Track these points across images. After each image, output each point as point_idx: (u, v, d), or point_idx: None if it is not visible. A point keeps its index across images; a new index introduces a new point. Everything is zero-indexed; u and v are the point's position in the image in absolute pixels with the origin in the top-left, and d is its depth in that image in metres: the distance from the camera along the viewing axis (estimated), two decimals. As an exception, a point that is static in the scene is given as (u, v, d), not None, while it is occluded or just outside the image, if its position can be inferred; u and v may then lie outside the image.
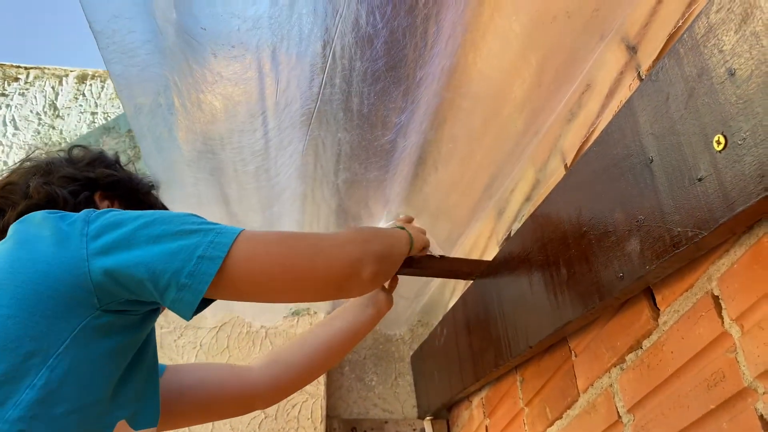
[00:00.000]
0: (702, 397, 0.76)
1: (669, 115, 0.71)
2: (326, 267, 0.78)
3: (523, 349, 1.14)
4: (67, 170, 0.83)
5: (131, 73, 0.82)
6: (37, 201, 0.78)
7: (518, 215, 1.35)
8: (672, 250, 0.71)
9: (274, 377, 1.01)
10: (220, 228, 0.71)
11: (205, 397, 0.94)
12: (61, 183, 0.81)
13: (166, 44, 0.80)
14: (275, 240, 0.76)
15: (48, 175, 0.82)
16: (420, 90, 0.89)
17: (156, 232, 0.68)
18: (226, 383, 0.97)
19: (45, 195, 0.79)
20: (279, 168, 1.05)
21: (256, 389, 0.99)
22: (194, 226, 0.70)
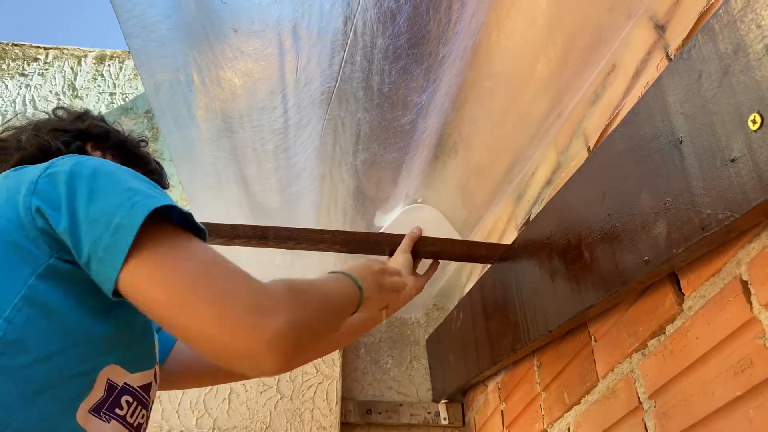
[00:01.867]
0: (728, 383, 0.75)
1: (701, 94, 0.69)
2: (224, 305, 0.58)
3: (542, 334, 1.12)
4: (56, 124, 0.83)
5: (151, 48, 0.81)
6: (31, 152, 0.78)
7: (538, 199, 1.33)
8: (701, 233, 0.69)
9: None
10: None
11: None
12: (52, 136, 0.81)
13: (186, 19, 0.79)
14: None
15: (38, 130, 0.81)
16: (442, 68, 0.88)
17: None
18: None
19: (38, 146, 0.78)
20: (298, 148, 1.04)
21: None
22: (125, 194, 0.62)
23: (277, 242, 1.23)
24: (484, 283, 1.45)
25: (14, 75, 2.30)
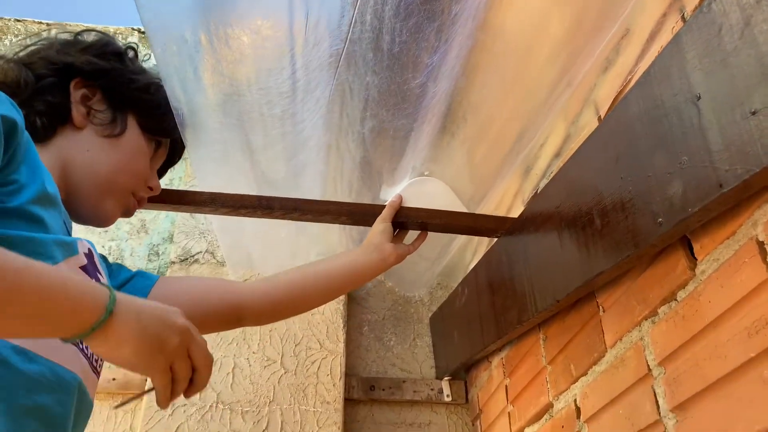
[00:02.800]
0: (741, 345, 0.74)
1: (721, 48, 0.68)
2: None
3: (549, 304, 1.12)
4: (49, 53, 0.81)
5: (160, 6, 0.80)
6: (4, 80, 0.78)
7: (546, 172, 1.32)
8: (718, 190, 0.68)
9: (265, 291, 1.01)
10: None
11: (189, 302, 0.92)
12: (36, 66, 0.80)
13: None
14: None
15: (33, 54, 0.80)
16: (454, 27, 0.86)
17: None
18: (212, 290, 0.97)
19: (12, 76, 0.78)
20: (305, 113, 1.03)
21: (245, 298, 0.99)
22: None
23: (282, 213, 1.22)
24: (490, 257, 1.44)
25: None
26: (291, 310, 1.08)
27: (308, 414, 1.60)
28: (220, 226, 1.48)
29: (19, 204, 0.62)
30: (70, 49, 0.84)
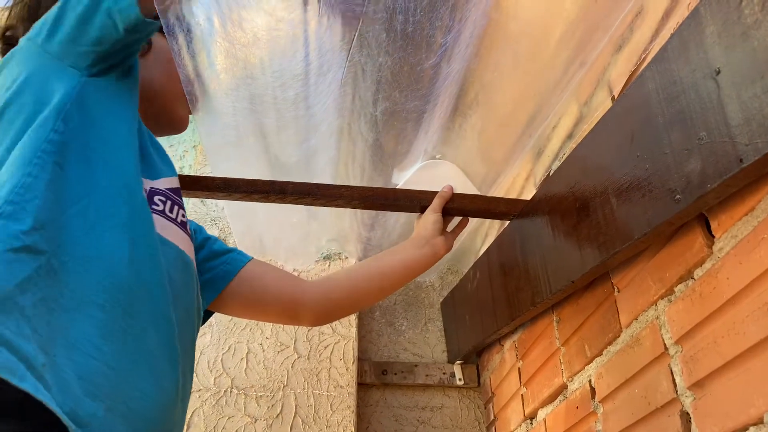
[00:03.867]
0: (760, 321, 0.74)
1: (742, 21, 0.67)
2: None
3: (564, 285, 1.12)
4: (49, 5, 0.83)
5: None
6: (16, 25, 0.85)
7: (559, 154, 1.31)
8: (738, 165, 0.68)
9: (324, 292, 1.04)
10: None
11: (261, 289, 0.99)
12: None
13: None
14: None
15: (35, 13, 0.83)
16: (468, 6, 0.86)
17: None
18: (281, 282, 1.02)
19: (20, 18, 0.84)
20: (318, 96, 1.03)
21: (305, 297, 1.02)
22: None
23: (295, 197, 1.23)
24: (502, 240, 1.44)
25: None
26: (349, 310, 1.12)
27: (322, 398, 1.62)
28: (232, 212, 1.49)
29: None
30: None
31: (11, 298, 0.57)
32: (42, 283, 0.60)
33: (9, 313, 0.56)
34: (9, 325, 0.56)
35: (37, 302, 0.59)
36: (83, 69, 0.74)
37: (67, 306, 0.61)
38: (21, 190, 0.63)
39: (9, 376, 0.53)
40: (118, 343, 0.64)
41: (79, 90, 0.73)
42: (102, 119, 0.73)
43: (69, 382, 0.57)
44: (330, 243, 1.81)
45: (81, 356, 0.60)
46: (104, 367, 0.61)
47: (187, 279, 0.79)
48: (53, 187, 0.65)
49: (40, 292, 0.60)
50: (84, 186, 0.68)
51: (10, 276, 0.58)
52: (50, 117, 0.69)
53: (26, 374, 0.54)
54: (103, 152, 0.72)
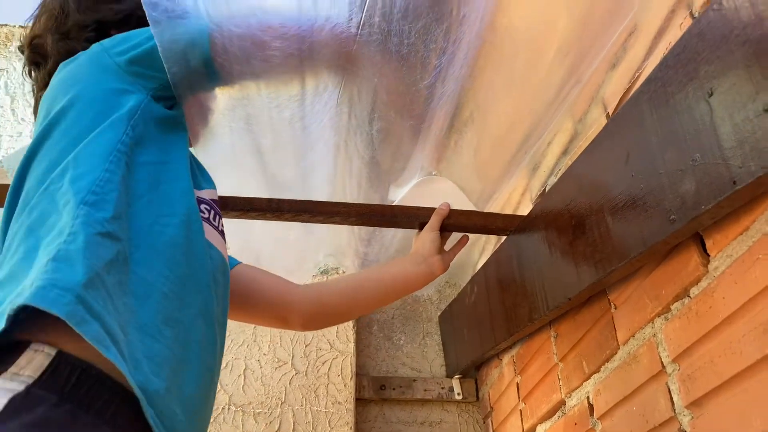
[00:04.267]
0: (757, 341, 0.74)
1: (733, 45, 0.68)
2: None
3: (561, 302, 1.12)
4: (76, 18, 0.92)
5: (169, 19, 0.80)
6: (59, 58, 0.90)
7: (554, 170, 1.32)
8: (732, 187, 0.68)
9: (316, 296, 1.05)
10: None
11: (250, 289, 1.01)
12: (74, 34, 0.92)
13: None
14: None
15: (63, 25, 0.92)
16: (462, 29, 0.86)
17: None
18: (272, 283, 1.04)
19: (65, 51, 0.90)
20: (314, 116, 1.03)
21: (296, 300, 1.04)
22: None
23: (292, 215, 1.23)
24: (499, 255, 1.44)
25: (22, 57, 2.29)
26: (340, 317, 1.12)
27: (320, 414, 1.61)
28: (229, 229, 1.48)
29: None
30: (85, 2, 0.94)
31: (100, 277, 0.62)
32: (119, 268, 0.66)
33: (98, 289, 0.62)
34: (99, 300, 0.61)
35: (116, 284, 0.64)
36: (149, 90, 0.83)
37: (137, 291, 0.67)
38: (102, 183, 0.70)
39: (99, 346, 0.58)
40: (175, 330, 0.69)
41: (145, 105, 0.81)
42: (161, 134, 0.81)
43: (139, 360, 0.63)
44: (327, 258, 1.81)
45: (148, 338, 0.65)
46: (166, 350, 0.66)
47: (226, 283, 0.84)
48: (124, 182, 0.72)
49: (118, 275, 0.65)
50: (145, 185, 0.75)
51: (98, 257, 0.64)
52: (122, 121, 0.77)
53: (111, 346, 0.59)
54: (162, 160, 0.79)
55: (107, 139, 0.74)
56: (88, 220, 0.65)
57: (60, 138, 0.76)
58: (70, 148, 0.73)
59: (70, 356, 0.59)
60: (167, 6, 0.78)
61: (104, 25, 0.93)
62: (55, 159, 0.73)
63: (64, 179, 0.70)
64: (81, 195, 0.67)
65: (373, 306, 1.14)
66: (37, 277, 0.59)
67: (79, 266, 0.61)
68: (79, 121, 0.76)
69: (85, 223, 0.65)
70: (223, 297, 0.83)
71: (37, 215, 0.69)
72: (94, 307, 0.59)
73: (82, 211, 0.66)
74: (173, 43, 0.81)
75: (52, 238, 0.65)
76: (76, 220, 0.65)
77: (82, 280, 0.60)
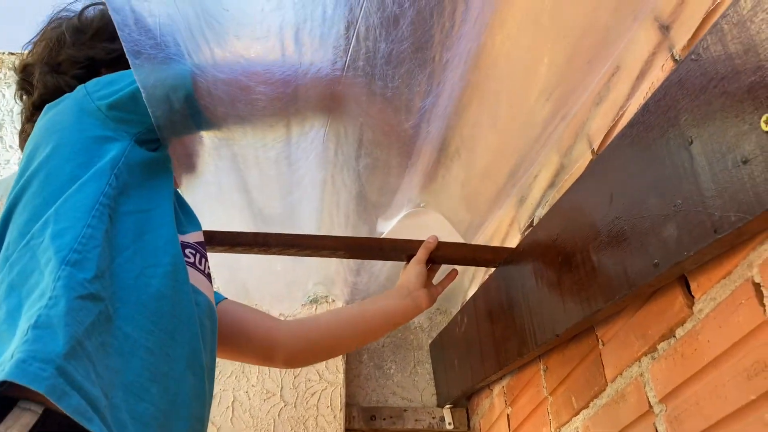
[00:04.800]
0: (741, 387, 0.74)
1: (711, 96, 0.68)
2: None
3: (549, 338, 1.11)
4: (69, 52, 0.92)
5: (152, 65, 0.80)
6: (45, 92, 0.91)
7: (541, 202, 1.32)
8: (713, 236, 0.68)
9: (301, 332, 1.04)
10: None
11: (234, 326, 1.00)
12: (65, 67, 0.92)
13: (186, 26, 0.78)
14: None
15: (56, 57, 0.92)
16: (446, 73, 0.87)
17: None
18: (254, 321, 1.02)
19: (52, 87, 0.91)
20: (299, 153, 1.03)
21: (281, 337, 1.02)
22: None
23: (279, 249, 1.22)
24: (488, 286, 1.44)
25: (11, 84, 2.28)
26: (325, 354, 1.11)
27: (309, 447, 1.59)
28: (216, 261, 1.47)
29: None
30: (82, 38, 0.94)
31: (81, 344, 0.61)
32: (101, 328, 0.65)
33: (79, 358, 0.60)
34: (80, 370, 0.60)
35: (98, 347, 0.63)
36: (133, 135, 0.82)
37: (122, 349, 0.66)
38: (84, 240, 0.68)
39: (81, 419, 0.57)
40: (162, 386, 0.68)
41: (128, 152, 0.80)
42: (146, 180, 0.80)
43: (125, 422, 0.62)
44: (317, 286, 1.80)
45: (133, 398, 0.64)
46: (153, 408, 0.65)
47: (213, 327, 0.83)
48: (107, 236, 0.71)
49: (100, 337, 0.64)
50: (129, 237, 0.74)
51: (79, 322, 0.62)
52: (105, 171, 0.76)
53: (94, 417, 0.58)
54: (146, 208, 0.78)
55: (90, 191, 0.73)
56: (69, 283, 0.64)
57: (41, 189, 0.75)
58: (51, 201, 0.72)
59: (57, 414, 0.58)
60: (150, 53, 0.78)
61: (96, 62, 0.94)
62: (36, 211, 0.73)
63: (45, 234, 0.69)
64: (62, 253, 0.66)
65: (361, 342, 1.13)
66: (17, 348, 0.59)
67: (60, 335, 0.60)
68: (60, 172, 0.76)
69: (66, 285, 0.64)
70: (211, 342, 0.82)
71: (18, 272, 0.68)
72: (75, 378, 0.59)
73: (64, 272, 0.65)
74: (156, 88, 0.81)
75: (33, 300, 0.64)
76: (57, 282, 0.64)
77: (63, 351, 0.59)
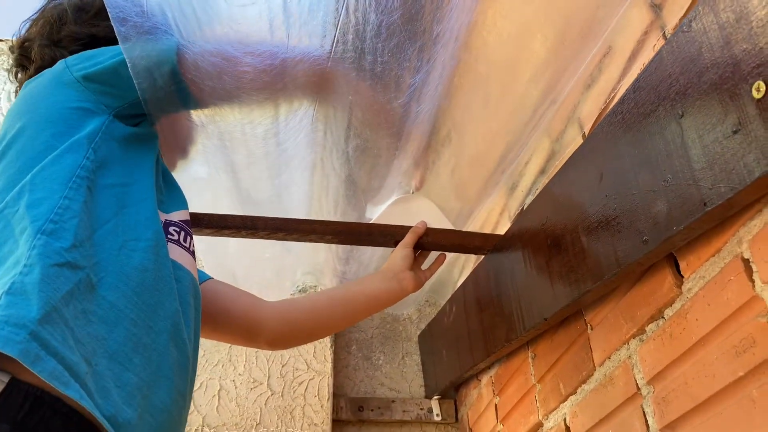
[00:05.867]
0: (730, 364, 0.73)
1: (701, 65, 0.68)
2: None
3: (537, 322, 1.11)
4: (71, 28, 0.91)
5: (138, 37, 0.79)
6: (42, 64, 0.89)
7: (532, 189, 1.32)
8: (702, 209, 0.68)
9: (284, 312, 1.03)
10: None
11: (215, 306, 0.99)
12: (65, 43, 0.91)
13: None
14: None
15: (57, 33, 0.91)
16: (436, 48, 0.86)
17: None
18: (238, 300, 1.01)
19: (49, 59, 0.89)
20: (288, 132, 1.02)
21: (264, 316, 1.01)
22: None
23: (267, 233, 1.21)
24: (477, 274, 1.43)
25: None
26: (308, 336, 1.10)
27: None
28: (203, 247, 1.46)
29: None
30: (84, 16, 0.94)
31: (57, 310, 0.61)
32: (81, 297, 0.64)
33: (56, 324, 0.60)
34: (56, 335, 0.59)
35: (78, 314, 0.63)
36: (113, 109, 0.81)
37: (106, 318, 0.66)
38: (60, 210, 0.68)
39: (57, 383, 0.57)
40: (145, 357, 0.68)
41: (106, 126, 0.79)
42: (126, 154, 0.80)
43: (109, 389, 0.62)
44: (305, 276, 1.79)
45: (118, 367, 0.64)
46: (136, 378, 0.66)
47: (197, 305, 0.83)
48: (86, 208, 0.71)
49: (80, 305, 0.64)
50: (111, 209, 0.74)
51: (55, 289, 0.62)
52: (82, 144, 0.75)
53: (70, 381, 0.58)
54: (126, 182, 0.78)
55: (66, 163, 0.72)
56: (45, 251, 0.64)
57: (16, 157, 0.74)
58: (26, 169, 0.72)
59: (22, 383, 0.57)
60: (136, 21, 0.77)
61: (97, 40, 0.92)
62: (11, 180, 0.72)
63: (20, 203, 0.68)
64: (38, 223, 0.66)
65: (343, 324, 1.12)
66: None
67: (35, 300, 0.60)
68: (36, 141, 0.75)
69: (42, 254, 0.63)
70: (195, 319, 0.82)
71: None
72: (50, 343, 0.58)
73: (40, 241, 0.64)
74: (142, 59, 0.79)
75: (8, 268, 0.63)
76: (32, 250, 0.63)
77: (37, 316, 0.59)
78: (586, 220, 0.93)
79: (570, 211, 0.99)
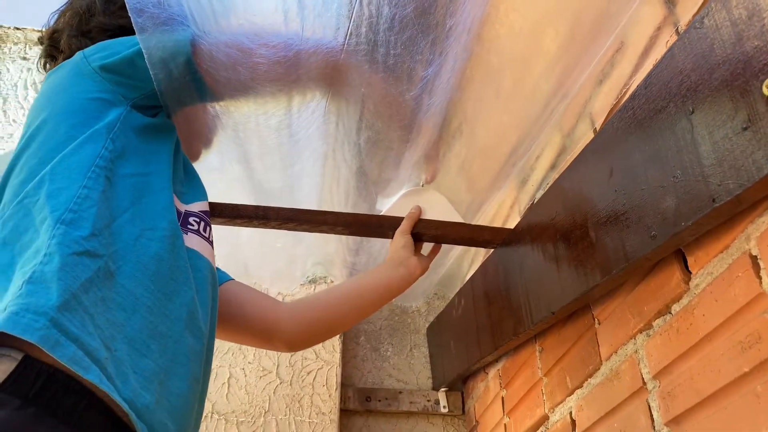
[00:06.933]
0: (735, 360, 0.74)
1: (713, 62, 0.68)
2: None
3: (545, 316, 1.11)
4: (100, 20, 0.93)
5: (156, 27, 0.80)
6: (69, 54, 0.90)
7: (542, 183, 1.32)
8: (711, 205, 0.68)
9: (300, 313, 1.04)
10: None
11: (234, 308, 0.99)
12: (94, 34, 0.92)
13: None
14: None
15: (86, 24, 0.93)
16: (449, 41, 0.86)
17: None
18: (259, 303, 1.02)
19: (77, 49, 0.89)
20: (301, 123, 1.03)
21: (280, 318, 1.02)
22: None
23: (278, 223, 1.22)
24: (486, 268, 1.44)
25: (15, 59, 2.29)
26: (326, 332, 1.11)
27: (303, 425, 1.60)
28: (216, 236, 1.48)
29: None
30: (112, 7, 0.95)
31: (76, 297, 0.63)
32: (100, 284, 0.66)
33: (75, 311, 0.62)
34: (75, 322, 0.61)
35: (97, 301, 0.65)
36: (130, 99, 0.82)
37: (124, 305, 0.67)
38: (79, 200, 0.70)
39: (77, 368, 0.58)
40: (161, 344, 0.69)
41: (125, 117, 0.80)
42: (144, 145, 0.81)
43: (128, 375, 0.64)
44: (315, 266, 1.80)
45: (136, 353, 0.66)
46: (153, 364, 0.67)
47: (214, 294, 0.84)
48: (104, 197, 0.72)
49: (100, 292, 0.66)
50: (128, 199, 0.75)
51: (74, 278, 0.64)
52: (101, 134, 0.77)
53: (91, 366, 0.59)
54: (145, 172, 0.79)
55: (86, 153, 0.74)
56: (64, 240, 0.65)
57: (38, 149, 0.76)
58: (47, 160, 0.73)
59: (36, 361, 0.59)
60: (153, 12, 0.78)
61: (125, 31, 0.93)
62: (32, 170, 0.73)
63: (41, 193, 0.70)
64: (58, 213, 0.67)
65: (358, 318, 1.13)
66: (11, 301, 0.60)
67: (54, 288, 0.61)
68: (56, 132, 0.76)
69: (61, 243, 0.65)
70: (212, 307, 0.83)
71: (12, 228, 0.69)
72: (70, 329, 0.60)
73: (59, 231, 0.66)
74: (158, 49, 0.81)
75: (28, 257, 0.65)
76: (52, 240, 0.65)
77: (57, 303, 0.60)
78: (596, 215, 0.94)
79: (580, 206, 0.99)
